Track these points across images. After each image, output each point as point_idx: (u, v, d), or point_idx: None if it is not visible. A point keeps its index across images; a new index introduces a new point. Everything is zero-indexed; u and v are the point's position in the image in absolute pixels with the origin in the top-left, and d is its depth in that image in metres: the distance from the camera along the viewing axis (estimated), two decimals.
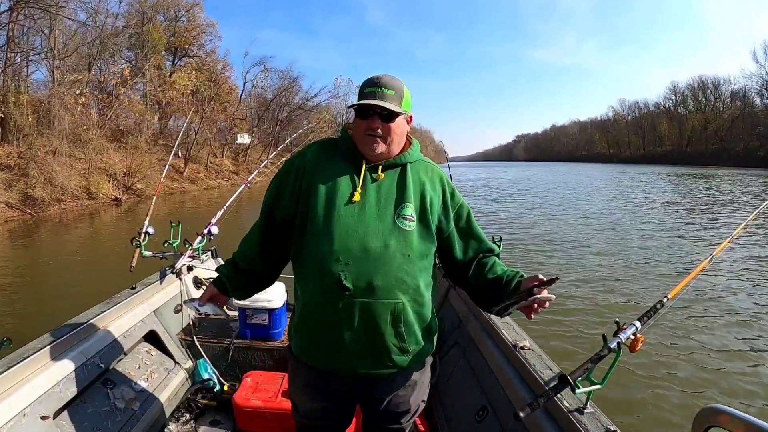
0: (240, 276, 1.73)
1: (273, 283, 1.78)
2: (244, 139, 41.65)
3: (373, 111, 1.46)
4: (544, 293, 1.36)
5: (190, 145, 32.60)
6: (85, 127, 22.98)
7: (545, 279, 1.37)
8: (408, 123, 1.56)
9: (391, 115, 1.47)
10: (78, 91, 24.70)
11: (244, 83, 47.20)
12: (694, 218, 14.99)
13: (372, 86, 1.47)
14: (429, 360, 1.68)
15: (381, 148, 1.49)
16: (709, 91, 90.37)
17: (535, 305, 1.38)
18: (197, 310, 1.80)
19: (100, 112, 27.07)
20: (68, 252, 11.40)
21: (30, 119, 19.70)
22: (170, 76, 36.12)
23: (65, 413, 2.05)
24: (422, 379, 1.66)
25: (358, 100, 1.47)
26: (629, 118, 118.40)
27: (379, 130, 1.47)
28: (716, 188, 27.67)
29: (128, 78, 30.04)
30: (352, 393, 1.61)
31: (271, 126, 48.74)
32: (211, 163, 37.18)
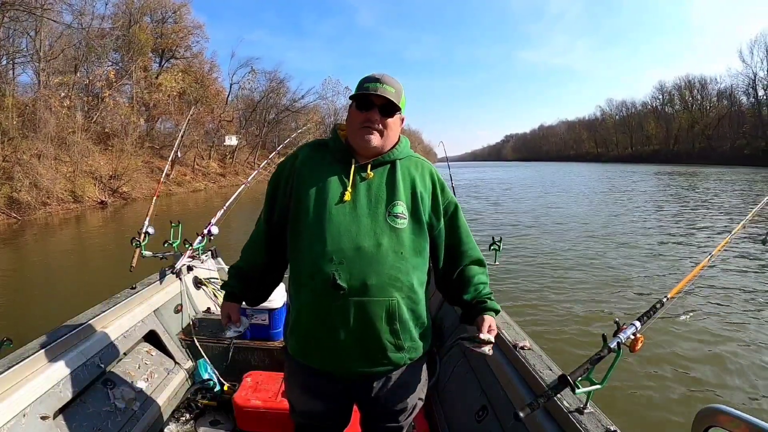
0: (252, 285, 1.74)
1: (281, 281, 1.80)
2: (231, 140, 41.47)
3: (372, 103, 1.47)
4: (483, 348, 1.55)
5: (177, 147, 32.30)
6: (70, 130, 22.77)
7: (483, 338, 1.55)
8: (400, 124, 1.59)
9: (391, 110, 1.49)
10: (63, 94, 24.49)
11: (231, 85, 47.10)
12: (690, 217, 15.06)
13: (373, 81, 1.48)
14: (425, 357, 1.68)
15: (376, 140, 1.50)
16: (695, 90, 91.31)
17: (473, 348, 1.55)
18: (238, 332, 1.80)
19: (86, 115, 26.81)
20: (58, 255, 11.31)
21: (15, 122, 19.47)
22: (157, 78, 35.89)
23: (65, 413, 2.05)
24: (419, 376, 1.66)
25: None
26: (617, 117, 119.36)
27: (378, 123, 1.49)
28: (705, 187, 27.87)
29: (114, 80, 29.82)
30: (349, 393, 1.61)
31: (258, 127, 48.61)
32: (197, 165, 36.91)
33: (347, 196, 1.47)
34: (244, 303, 1.78)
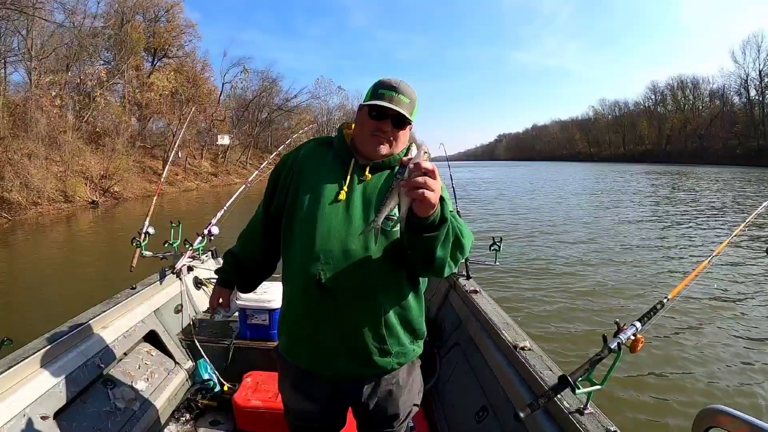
0: (247, 273, 1.77)
1: (273, 271, 1.80)
2: (224, 140, 41.32)
3: (386, 114, 1.45)
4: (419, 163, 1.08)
5: (169, 147, 32.36)
6: (61, 130, 22.63)
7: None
8: (409, 131, 1.57)
9: (403, 123, 1.48)
10: (54, 93, 24.34)
11: (223, 84, 47.01)
12: (688, 217, 15.10)
13: (389, 89, 1.46)
14: (417, 362, 1.67)
15: (386, 149, 1.49)
16: (688, 90, 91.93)
17: (416, 180, 1.08)
18: (227, 317, 1.83)
19: (77, 114, 26.67)
20: (52, 255, 11.25)
21: (6, 122, 19.32)
22: (149, 77, 35.73)
23: (65, 413, 2.05)
24: (410, 382, 1.64)
25: (370, 99, 1.46)
26: (609, 117, 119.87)
27: (389, 134, 1.48)
28: (700, 187, 27.93)
29: (105, 80, 29.66)
30: (340, 395, 1.60)
31: (250, 127, 48.53)
32: (189, 164, 36.78)
33: (342, 196, 1.46)
34: (237, 292, 1.88)
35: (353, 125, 1.60)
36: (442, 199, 1.16)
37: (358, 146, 1.54)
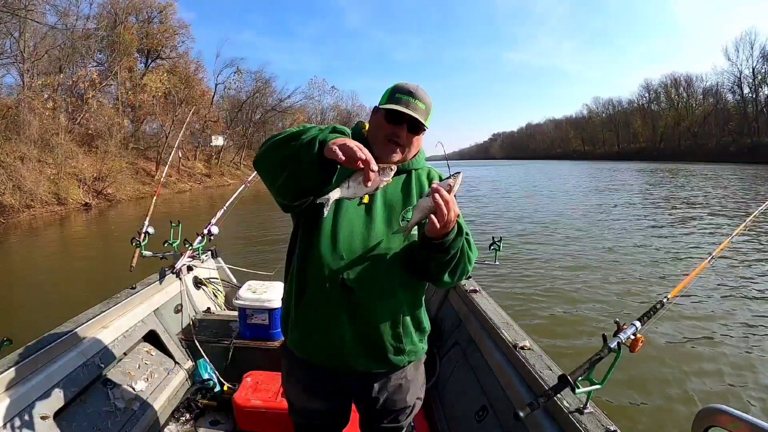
0: None
1: None
2: (218, 141, 41.22)
3: (402, 119, 1.45)
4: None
5: (162, 148, 32.32)
6: (54, 132, 22.54)
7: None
8: (422, 137, 1.57)
9: (419, 129, 1.48)
10: (47, 95, 24.26)
11: (216, 85, 46.92)
12: (687, 216, 15.04)
13: (407, 94, 1.45)
14: (423, 358, 1.70)
15: (398, 156, 1.50)
16: (681, 88, 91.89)
17: (437, 197, 1.22)
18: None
19: (70, 116, 26.57)
20: (47, 257, 11.18)
21: None
22: (142, 78, 35.62)
23: (65, 413, 2.05)
24: (417, 377, 1.68)
25: (387, 102, 1.46)
26: (603, 115, 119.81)
27: (404, 140, 1.48)
28: (697, 185, 27.75)
29: (97, 82, 29.56)
30: (349, 391, 1.63)
31: (244, 128, 48.46)
32: (183, 166, 36.71)
33: (365, 199, 1.47)
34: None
35: (368, 125, 1.60)
36: (460, 233, 1.36)
37: (371, 148, 1.52)
